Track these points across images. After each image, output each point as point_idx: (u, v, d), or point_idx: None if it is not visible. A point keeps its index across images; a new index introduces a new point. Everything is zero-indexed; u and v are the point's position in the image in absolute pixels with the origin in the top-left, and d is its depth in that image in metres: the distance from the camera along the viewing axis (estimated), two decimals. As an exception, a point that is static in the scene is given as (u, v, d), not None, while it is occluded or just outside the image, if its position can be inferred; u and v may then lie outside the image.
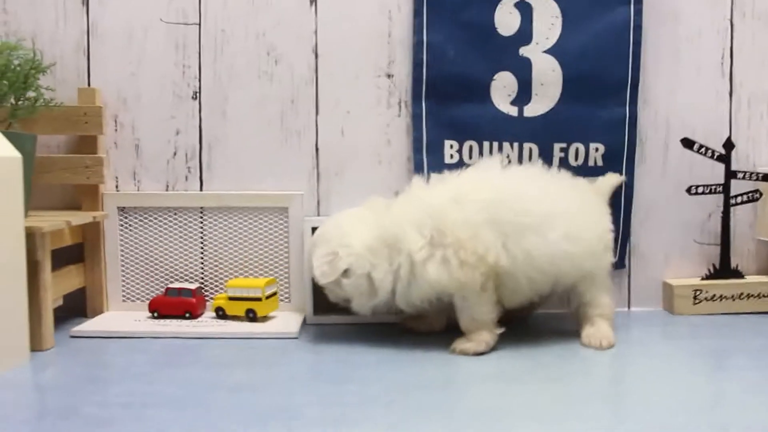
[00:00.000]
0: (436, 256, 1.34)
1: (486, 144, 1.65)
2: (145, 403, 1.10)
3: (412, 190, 1.45)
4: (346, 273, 1.38)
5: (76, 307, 1.63)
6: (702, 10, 1.70)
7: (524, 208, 1.37)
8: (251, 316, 1.56)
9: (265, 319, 1.57)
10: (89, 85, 1.65)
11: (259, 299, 1.55)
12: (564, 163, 1.64)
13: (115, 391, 1.16)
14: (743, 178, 1.68)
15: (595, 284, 1.46)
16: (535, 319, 1.62)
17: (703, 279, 1.70)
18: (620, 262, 1.70)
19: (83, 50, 1.65)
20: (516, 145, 1.65)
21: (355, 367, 1.29)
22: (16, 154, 1.27)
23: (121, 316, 1.61)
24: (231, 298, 1.57)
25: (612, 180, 1.65)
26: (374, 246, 1.38)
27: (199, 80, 1.66)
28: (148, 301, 1.63)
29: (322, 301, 1.54)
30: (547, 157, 1.64)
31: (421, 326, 1.53)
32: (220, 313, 1.58)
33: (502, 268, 1.35)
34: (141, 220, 1.66)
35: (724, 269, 1.70)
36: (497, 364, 1.31)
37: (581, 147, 1.66)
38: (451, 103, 1.65)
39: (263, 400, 1.11)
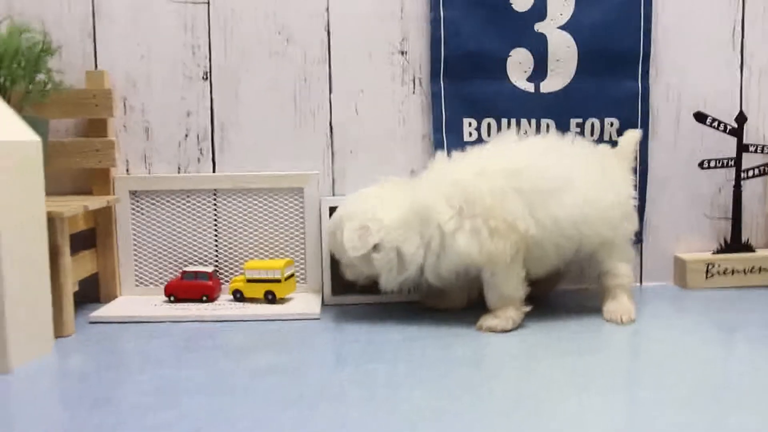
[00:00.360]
0: (466, 227, 1.35)
1: (504, 121, 1.65)
2: (176, 389, 1.10)
3: (436, 165, 1.45)
4: (376, 247, 1.37)
5: (90, 292, 1.61)
6: (713, -17, 1.71)
7: (542, 175, 1.39)
8: (270, 298, 1.55)
9: (283, 300, 1.56)
10: (96, 68, 1.62)
11: (278, 281, 1.54)
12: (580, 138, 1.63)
13: (144, 378, 1.15)
14: (755, 151, 1.69)
15: (614, 253, 1.46)
16: (555, 296, 1.63)
17: (714, 253, 1.72)
18: (638, 237, 1.69)
19: (89, 33, 1.61)
20: (533, 121, 1.65)
21: (382, 346, 1.29)
22: (35, 138, 1.25)
23: (136, 300, 1.59)
24: (249, 281, 1.56)
25: (631, 137, 1.61)
26: (405, 219, 1.38)
27: (210, 61, 1.63)
28: (161, 286, 1.62)
29: (339, 281, 1.55)
30: (563, 133, 1.61)
31: (442, 303, 1.53)
32: (238, 296, 1.57)
33: (531, 237, 1.37)
34: (153, 204, 1.64)
35: (735, 243, 1.72)
36: (522, 341, 1.32)
37: (596, 122, 1.66)
38: (468, 81, 1.64)
39: (296, 383, 1.11)
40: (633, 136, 1.61)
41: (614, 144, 1.64)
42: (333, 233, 1.45)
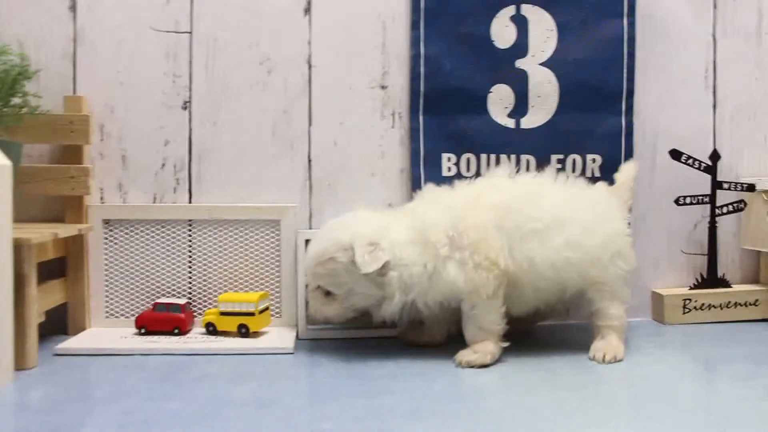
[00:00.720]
0: (455, 257, 1.34)
1: (483, 156, 1.65)
2: (147, 420, 1.05)
3: (429, 194, 1.45)
4: (385, 266, 1.34)
5: (58, 323, 1.55)
6: (687, 26, 1.75)
7: (529, 214, 1.38)
8: (243, 332, 1.51)
9: (257, 334, 1.53)
10: (74, 93, 1.60)
11: (252, 314, 1.51)
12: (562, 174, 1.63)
13: (112, 410, 1.10)
14: (729, 188, 1.72)
15: (604, 293, 1.43)
16: (538, 332, 1.61)
17: (691, 288, 1.72)
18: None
19: (69, 57, 1.59)
20: (513, 157, 1.66)
21: (362, 381, 1.25)
22: (5, 162, 1.21)
23: (106, 332, 1.54)
24: (223, 313, 1.52)
25: (627, 170, 1.60)
26: (411, 239, 1.36)
27: (190, 90, 1.62)
28: (132, 318, 1.57)
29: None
30: (544, 169, 1.62)
31: (421, 338, 1.51)
32: (211, 329, 1.53)
33: (511, 274, 1.35)
34: (127, 233, 1.60)
35: (711, 278, 1.73)
36: (502, 376, 1.29)
37: (578, 158, 1.67)
38: (448, 116, 1.65)
39: (273, 417, 1.07)
40: (630, 169, 1.60)
41: (596, 181, 1.64)
42: (331, 259, 1.36)
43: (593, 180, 1.65)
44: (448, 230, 1.35)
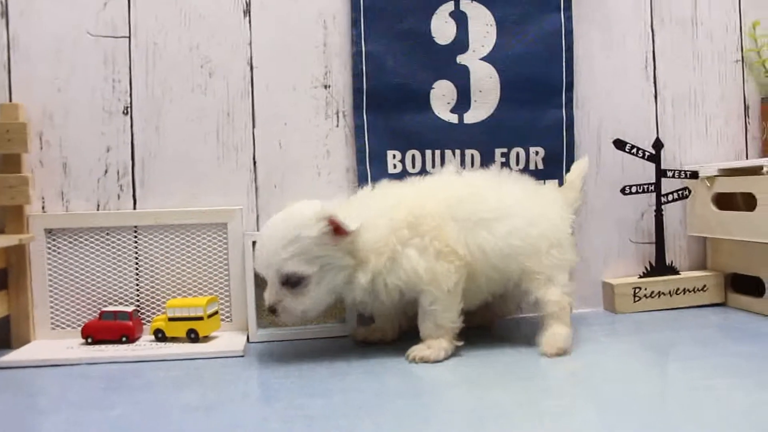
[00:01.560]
0: (415, 242, 1.34)
1: (428, 152, 1.66)
2: (90, 430, 1.03)
3: (384, 188, 1.45)
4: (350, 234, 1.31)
5: (0, 337, 1.52)
6: (625, 17, 1.78)
7: (477, 206, 1.39)
8: (193, 337, 1.49)
9: (207, 339, 1.51)
10: (10, 100, 1.56)
11: (200, 318, 1.49)
12: (506, 168, 1.65)
13: (56, 420, 1.08)
14: (673, 176, 1.74)
15: (539, 282, 1.43)
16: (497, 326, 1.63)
17: (641, 277, 1.75)
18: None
19: (3, 64, 1.56)
20: (458, 152, 1.66)
21: (312, 381, 1.24)
22: (-64, 171, 1.19)
23: (52, 344, 1.50)
24: (171, 319, 1.50)
25: (576, 169, 1.64)
26: (377, 215, 1.35)
27: (131, 95, 1.60)
28: (78, 328, 1.54)
29: (264, 318, 1.52)
30: (488, 163, 1.66)
31: (374, 335, 1.50)
32: (159, 336, 1.51)
33: (468, 264, 1.37)
34: (70, 242, 1.57)
35: (660, 266, 1.75)
36: (454, 370, 1.29)
37: (521, 151, 1.68)
38: (392, 113, 1.65)
39: (221, 419, 1.06)
40: (578, 168, 1.64)
41: (540, 173, 1.68)
42: (296, 237, 1.31)
43: (537, 172, 1.68)
44: (408, 215, 1.36)
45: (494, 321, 1.64)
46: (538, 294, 1.43)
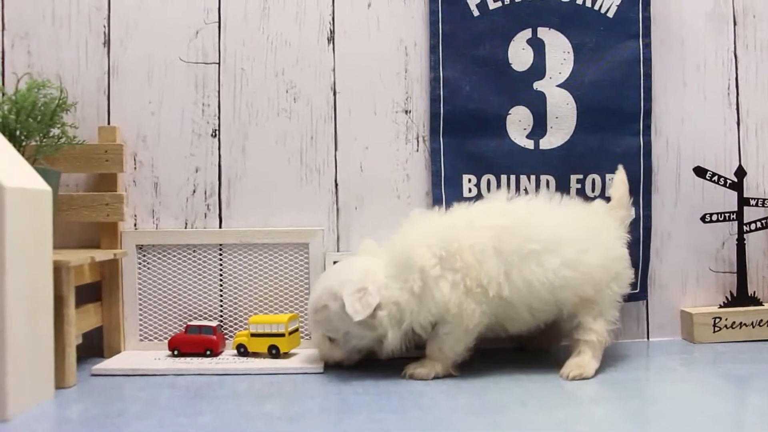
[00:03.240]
0: (448, 278, 1.35)
1: (503, 177, 1.68)
2: (181, 434, 1.08)
3: (417, 218, 1.46)
4: (378, 307, 1.36)
5: (93, 346, 1.60)
6: (706, 43, 1.76)
7: (525, 236, 1.38)
8: (274, 353, 1.54)
9: (287, 355, 1.55)
10: (108, 123, 1.66)
11: (282, 335, 1.53)
12: (581, 194, 1.67)
13: (147, 424, 1.13)
14: (756, 204, 1.71)
15: (592, 309, 1.42)
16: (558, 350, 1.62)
17: (721, 307, 1.71)
18: (642, 293, 1.71)
19: (104, 90, 1.66)
20: (533, 177, 1.68)
21: (389, 398, 1.27)
22: (47, 187, 1.27)
23: (140, 355, 1.58)
24: (253, 335, 1.55)
25: (618, 181, 1.60)
26: (390, 272, 1.39)
27: (219, 118, 1.68)
28: (165, 340, 1.62)
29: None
30: (564, 189, 1.66)
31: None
32: (242, 350, 1.56)
33: (502, 300, 1.36)
34: (159, 258, 1.65)
35: (741, 297, 1.71)
36: (527, 392, 1.30)
37: (597, 178, 1.68)
38: (468, 138, 1.68)
39: (302, 430, 1.10)
40: (620, 181, 1.60)
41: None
42: (324, 307, 1.41)
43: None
44: (438, 250, 1.36)
45: (551, 344, 1.62)
46: (584, 320, 1.42)
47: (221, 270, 1.66)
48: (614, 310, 1.45)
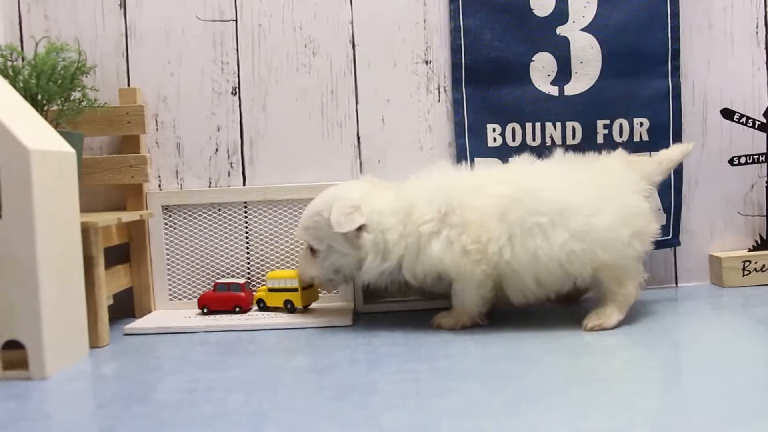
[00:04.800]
0: (442, 234, 1.35)
1: (528, 125, 1.66)
2: (212, 387, 1.10)
3: (431, 170, 1.45)
4: (361, 228, 1.38)
5: (124, 306, 1.63)
6: (734, -19, 1.72)
7: (533, 207, 1.33)
8: (289, 307, 1.56)
9: (304, 309, 1.57)
10: (128, 85, 1.66)
11: (295, 290, 1.55)
12: (608, 140, 1.64)
13: (180, 379, 1.15)
14: (786, 146, 1.68)
15: (615, 276, 1.35)
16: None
17: (750, 250, 1.69)
18: (675, 239, 1.69)
19: (122, 52, 1.66)
20: (558, 124, 1.65)
21: (418, 348, 1.28)
22: (71, 150, 1.28)
23: (171, 314, 1.60)
24: (270, 290, 1.57)
25: (672, 152, 1.51)
26: (392, 209, 1.40)
27: (238, 76, 1.67)
28: (194, 299, 1.64)
29: (370, 290, 1.56)
30: (590, 135, 1.64)
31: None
32: (261, 305, 1.58)
33: (506, 265, 1.34)
34: (185, 218, 1.66)
35: (771, 239, 1.70)
36: (556, 340, 1.30)
37: (625, 123, 1.66)
38: (491, 87, 1.66)
39: (333, 381, 1.11)
40: (675, 151, 1.51)
41: (645, 145, 1.64)
42: (318, 213, 1.43)
43: (642, 144, 1.65)
44: (441, 205, 1.36)
45: (578, 298, 1.60)
46: (611, 288, 1.36)
47: (247, 227, 1.67)
48: (639, 267, 1.38)
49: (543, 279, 1.35)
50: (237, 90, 1.67)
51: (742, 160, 1.68)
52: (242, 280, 1.60)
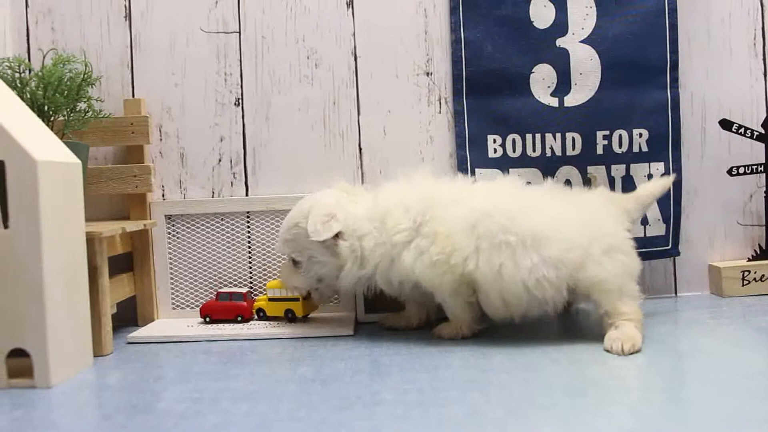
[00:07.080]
0: (413, 244, 1.36)
1: (529, 136, 1.67)
2: (216, 397, 1.10)
3: (416, 177, 1.45)
4: (338, 236, 1.40)
5: (127, 315, 1.64)
6: (732, -7, 1.73)
7: (507, 225, 1.31)
8: (290, 317, 1.57)
9: (305, 319, 1.58)
10: (133, 96, 1.68)
11: (296, 299, 1.56)
12: (608, 150, 1.66)
13: (184, 388, 1.16)
14: (784, 157, 1.70)
15: (610, 293, 1.31)
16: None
17: (749, 260, 1.70)
18: (674, 249, 1.71)
19: (127, 63, 1.68)
20: (558, 135, 1.67)
21: (420, 358, 1.29)
22: (76, 160, 1.29)
23: (173, 322, 1.61)
24: (271, 299, 1.58)
25: (652, 187, 1.49)
26: (368, 216, 1.41)
27: (241, 87, 1.69)
28: (197, 308, 1.65)
29: (371, 300, 1.58)
30: (590, 146, 1.65)
31: (399, 322, 1.54)
32: (261, 315, 1.60)
33: (472, 276, 1.34)
34: (188, 227, 1.68)
35: (770, 249, 1.71)
36: (559, 349, 1.31)
37: (624, 133, 1.67)
38: (491, 98, 1.67)
39: (337, 391, 1.12)
40: (657, 184, 1.50)
41: (644, 156, 1.66)
42: (296, 225, 1.45)
43: (641, 155, 1.67)
44: (417, 216, 1.37)
45: (569, 308, 1.55)
46: (609, 307, 1.32)
47: (249, 237, 1.68)
48: (633, 284, 1.34)
49: (508, 299, 1.34)
50: (240, 101, 1.69)
51: (741, 170, 1.69)
52: (244, 290, 1.61)
